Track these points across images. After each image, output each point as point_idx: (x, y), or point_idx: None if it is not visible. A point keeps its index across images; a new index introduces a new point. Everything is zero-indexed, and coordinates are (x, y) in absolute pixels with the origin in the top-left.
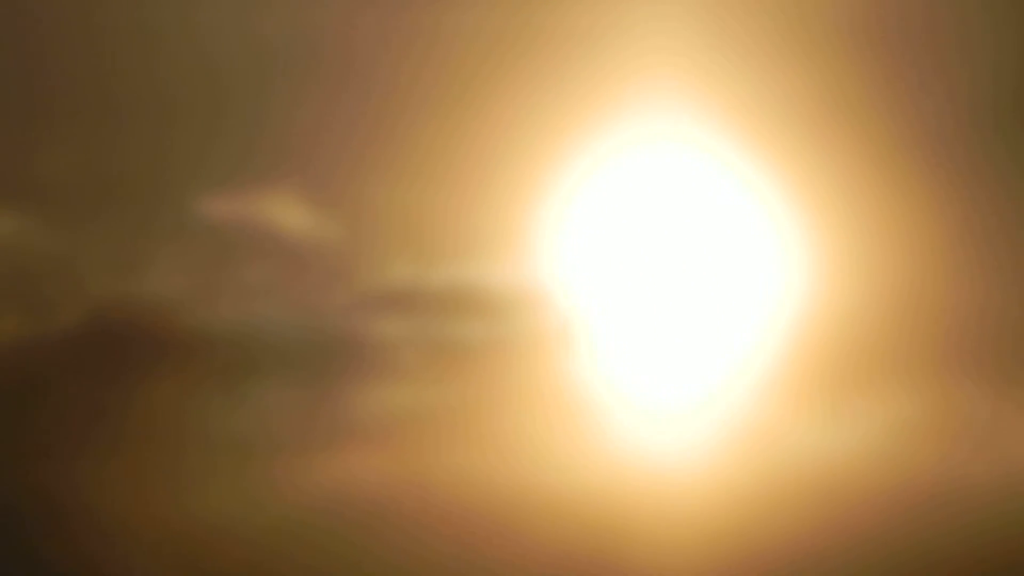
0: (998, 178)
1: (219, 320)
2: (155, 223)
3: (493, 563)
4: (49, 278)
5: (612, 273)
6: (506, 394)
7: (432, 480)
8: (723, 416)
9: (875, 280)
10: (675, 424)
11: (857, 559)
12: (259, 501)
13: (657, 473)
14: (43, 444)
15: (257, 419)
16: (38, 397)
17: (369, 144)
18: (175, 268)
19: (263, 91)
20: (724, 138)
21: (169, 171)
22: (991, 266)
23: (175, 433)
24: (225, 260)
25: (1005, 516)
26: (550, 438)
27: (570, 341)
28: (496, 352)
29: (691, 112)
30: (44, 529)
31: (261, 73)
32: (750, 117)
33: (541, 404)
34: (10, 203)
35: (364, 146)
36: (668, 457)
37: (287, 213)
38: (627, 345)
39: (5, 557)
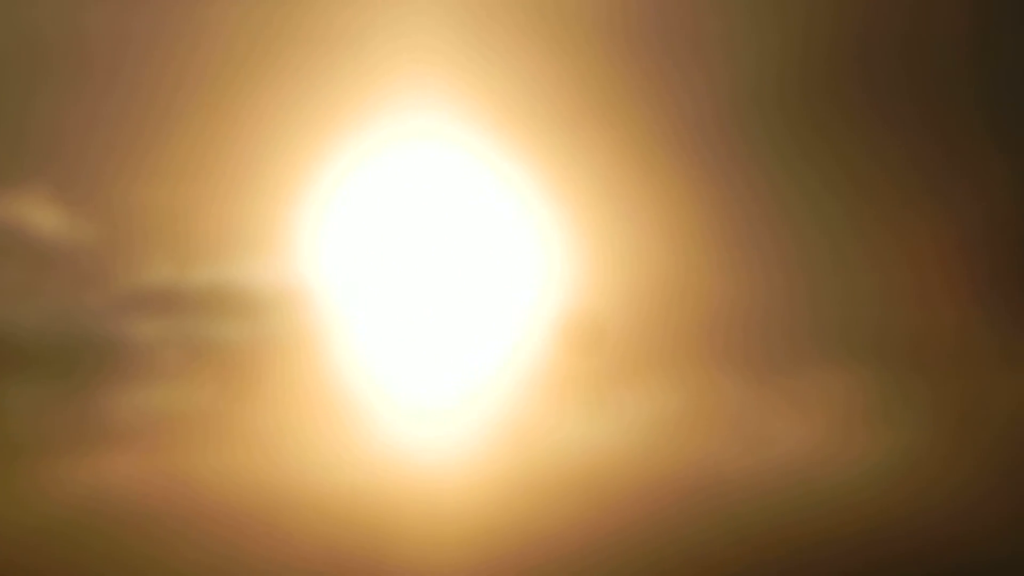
0: (759, 171)
1: None
2: None
3: (257, 561)
4: None
5: (373, 271)
6: (267, 393)
7: (194, 479)
8: (488, 412)
9: (637, 273)
10: (439, 421)
11: (623, 552)
12: (20, 501)
13: (422, 470)
14: None
15: (16, 420)
16: None
17: (125, 143)
18: None
19: (18, 89)
20: (483, 135)
21: None
22: (753, 259)
23: None
24: None
25: (769, 507)
26: (313, 437)
27: (332, 340)
28: (257, 351)
29: (449, 109)
30: None
31: (19, 70)
32: (509, 114)
33: (303, 403)
34: None
35: (120, 145)
36: (433, 454)
37: (41, 213)
38: (390, 343)
39: None
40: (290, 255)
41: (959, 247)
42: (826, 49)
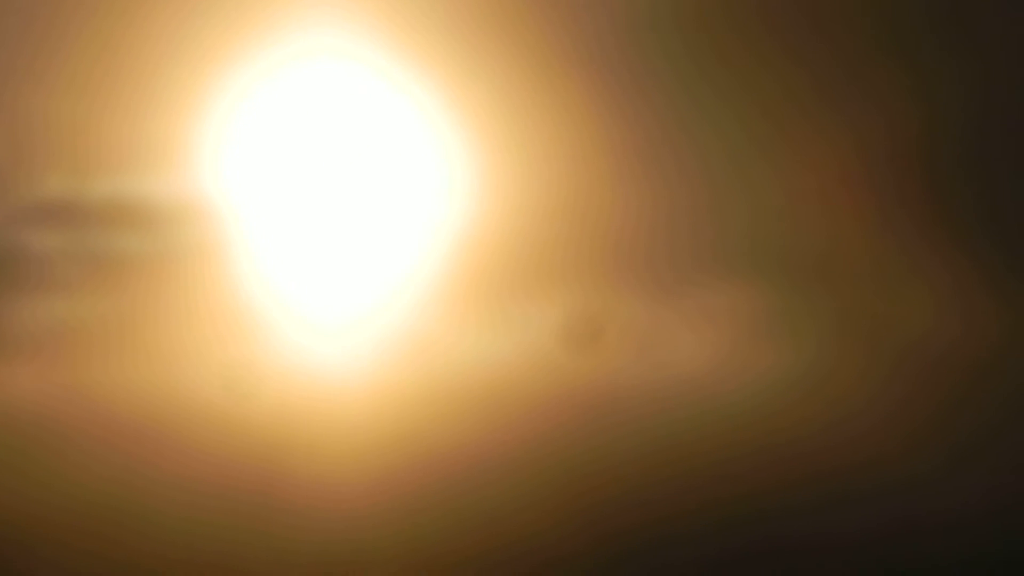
0: (661, 88)
1: None
2: None
3: (156, 473)
4: None
5: (275, 186)
6: (167, 306)
7: (93, 391)
8: (388, 326)
9: (540, 189)
10: (340, 335)
11: (523, 466)
12: None
13: (322, 384)
14: None
15: None
16: None
17: (21, 55)
18: None
19: None
20: (385, 51)
21: None
22: (657, 175)
23: None
24: None
25: (673, 422)
26: (213, 350)
27: (232, 253)
28: (156, 264)
29: (349, 25)
30: None
31: None
32: (410, 30)
33: (203, 316)
34: None
35: (15, 57)
36: (333, 368)
37: None
38: (290, 257)
39: None
40: (191, 168)
41: (862, 162)
42: None
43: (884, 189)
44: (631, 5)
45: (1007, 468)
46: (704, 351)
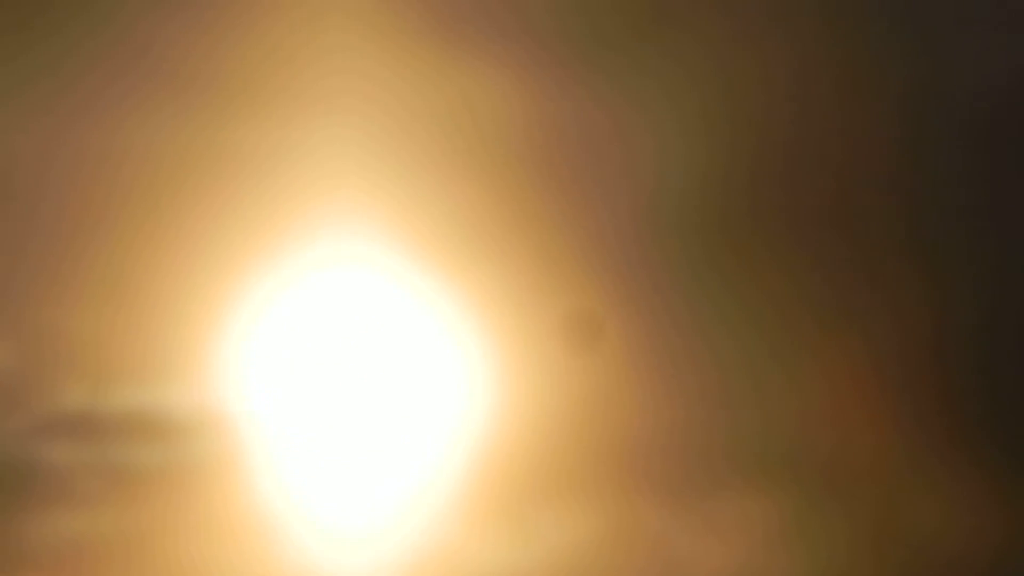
0: (679, 294)
1: None
2: None
3: None
4: None
5: (295, 396)
6: (187, 520)
7: None
8: (408, 537)
9: (556, 396)
10: (360, 546)
11: None
12: None
13: None
14: None
15: None
16: None
17: (40, 264)
18: None
19: None
20: (403, 257)
21: None
22: (671, 382)
23: None
24: None
25: None
26: (232, 564)
27: (253, 465)
28: (176, 477)
29: (371, 233)
30: None
31: None
32: (428, 235)
33: (223, 529)
34: None
35: (35, 266)
36: None
37: None
38: (310, 468)
39: None
40: (210, 379)
41: (875, 371)
42: (749, 174)
43: (896, 397)
44: (654, 206)
45: None
46: (718, 559)
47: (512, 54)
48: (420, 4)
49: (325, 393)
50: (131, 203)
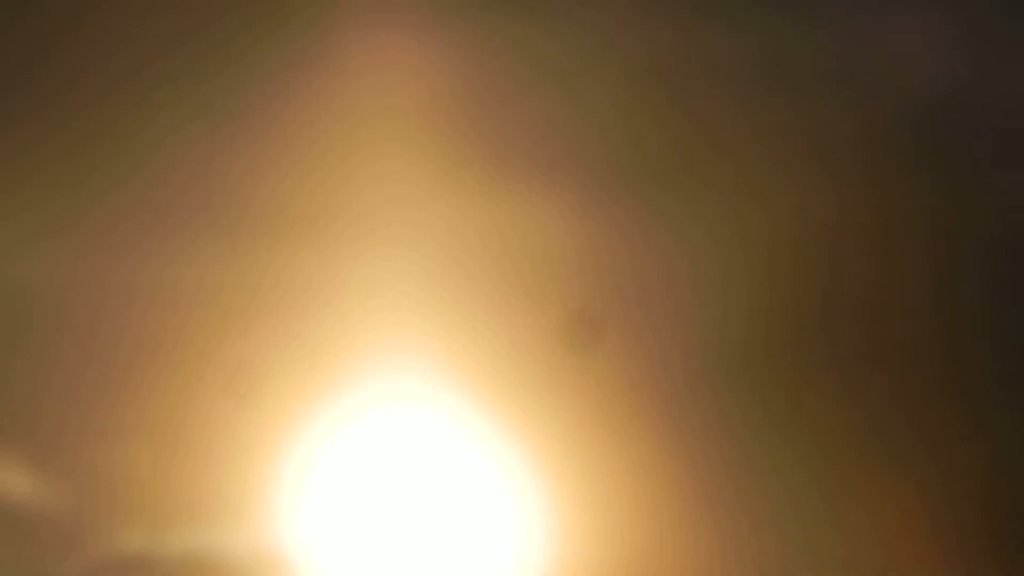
0: (725, 432)
1: None
2: None
3: None
4: None
5: (351, 536)
6: None
7: None
8: None
9: (612, 537)
10: None
11: None
12: None
13: None
14: None
15: None
16: None
17: (94, 403)
18: None
19: None
20: (456, 393)
21: None
22: (724, 524)
23: None
24: None
25: None
26: None
27: None
28: None
29: (424, 369)
30: None
31: None
32: (481, 370)
33: None
34: None
35: (89, 405)
36: None
37: (12, 478)
38: None
39: None
40: (266, 520)
41: (925, 516)
42: (790, 303)
43: (947, 541)
44: (700, 342)
45: None
46: None
47: (564, 186)
48: (474, 134)
49: (381, 533)
50: (185, 338)
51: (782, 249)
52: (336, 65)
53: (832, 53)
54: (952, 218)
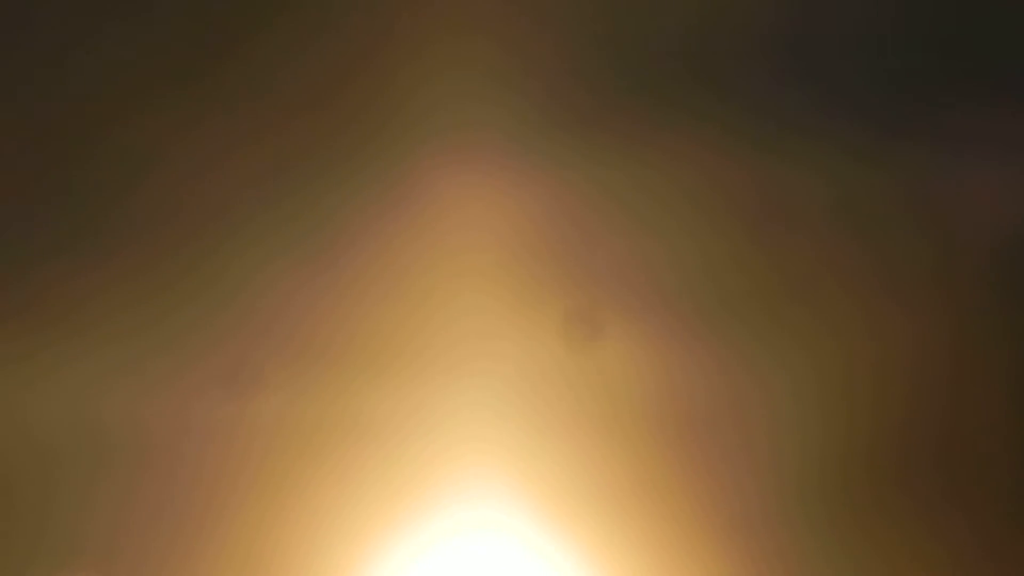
0: (800, 560)
1: None
2: None
3: None
4: None
5: None
6: None
7: None
8: None
9: None
10: None
11: None
12: None
13: None
14: None
15: None
16: None
17: (176, 536)
18: None
19: (79, 483)
20: (535, 524)
21: None
22: None
23: None
24: None
25: None
26: None
27: None
28: None
29: (503, 500)
30: None
31: (81, 463)
32: (560, 502)
33: None
34: None
35: (170, 538)
36: None
37: None
38: None
39: None
40: None
41: None
42: (866, 440)
43: None
44: (778, 480)
45: None
46: None
47: (644, 321)
48: (556, 269)
49: None
50: (264, 473)
51: (858, 385)
52: (421, 202)
53: (905, 190)
54: None
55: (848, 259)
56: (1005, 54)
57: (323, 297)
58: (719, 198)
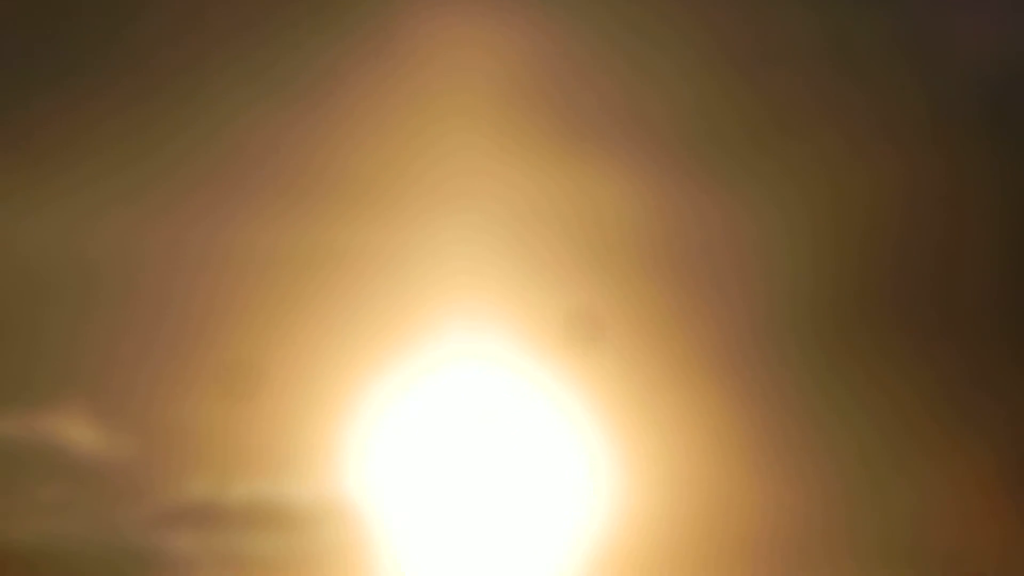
0: (796, 390)
1: (11, 539)
2: None
3: None
4: None
5: (417, 487)
6: None
7: None
8: None
9: (679, 488)
10: None
11: None
12: None
13: None
14: None
15: None
16: None
17: (166, 359)
18: None
19: (68, 310)
20: (525, 353)
21: None
22: (791, 476)
23: None
24: (16, 479)
25: None
26: None
27: (374, 555)
28: (298, 567)
29: (493, 330)
30: None
31: (71, 293)
32: (550, 332)
33: None
34: None
35: (161, 361)
36: None
37: (80, 430)
38: (433, 560)
39: None
40: (333, 471)
41: (993, 466)
42: (858, 271)
43: (1014, 491)
44: (769, 305)
45: None
46: None
47: (634, 156)
48: (546, 107)
49: (447, 485)
50: (256, 301)
51: (849, 217)
52: (409, 41)
53: (897, 28)
54: (1021, 185)
55: (840, 96)
56: None
57: (313, 133)
58: (711, 36)
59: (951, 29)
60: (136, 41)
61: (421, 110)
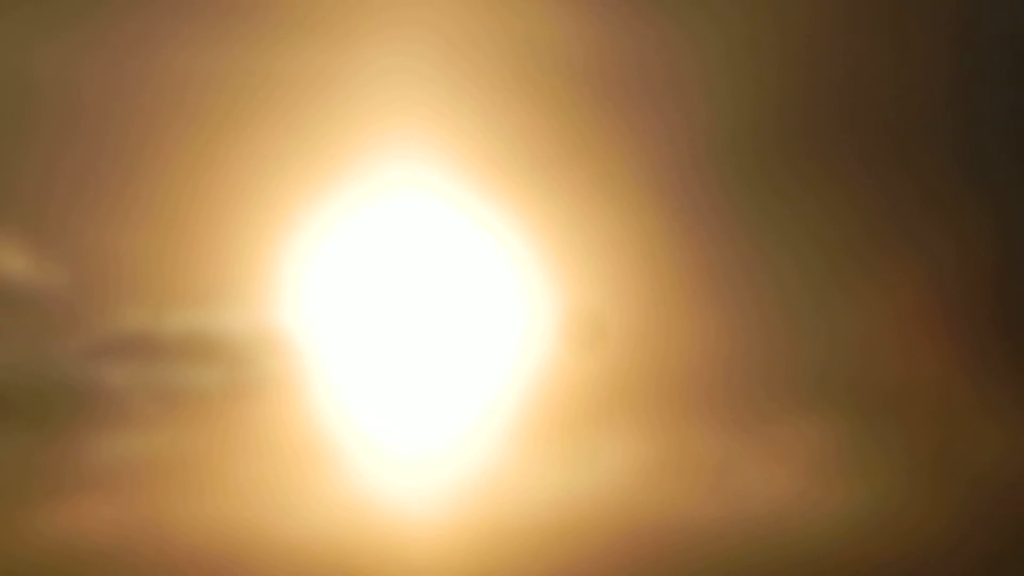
0: (737, 215)
1: None
2: None
3: None
4: None
5: (353, 318)
6: (243, 440)
7: (170, 526)
8: (463, 462)
9: (616, 319)
10: (416, 470)
11: None
12: None
13: (398, 519)
14: None
15: None
16: None
17: (101, 188)
18: None
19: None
20: (461, 182)
21: None
22: (731, 304)
23: None
24: None
25: (746, 557)
26: (289, 484)
27: (311, 387)
28: (233, 398)
29: (430, 159)
30: None
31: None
32: (488, 160)
33: (280, 450)
34: None
35: (96, 190)
36: (409, 503)
37: (12, 257)
38: (369, 392)
39: None
40: (269, 302)
41: (938, 296)
42: (802, 93)
43: (959, 323)
44: (710, 128)
45: None
46: (778, 485)
47: None
48: None
49: (383, 316)
50: (192, 127)
51: (793, 39)
52: None
53: None
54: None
55: None
56: None
57: None
58: None
59: None
60: None
61: None
